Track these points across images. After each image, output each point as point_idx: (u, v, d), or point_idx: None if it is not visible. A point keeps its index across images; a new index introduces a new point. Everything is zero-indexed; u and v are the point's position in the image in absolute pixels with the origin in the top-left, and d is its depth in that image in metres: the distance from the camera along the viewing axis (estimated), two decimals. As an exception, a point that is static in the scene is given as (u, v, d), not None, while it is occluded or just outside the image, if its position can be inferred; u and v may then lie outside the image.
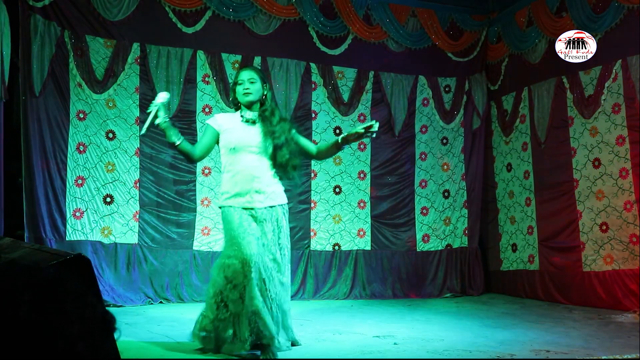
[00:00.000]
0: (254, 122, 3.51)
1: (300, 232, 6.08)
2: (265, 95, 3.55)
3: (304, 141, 3.68)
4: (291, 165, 3.48)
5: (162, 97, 3.29)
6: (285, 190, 3.61)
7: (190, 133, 5.79)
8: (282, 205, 3.50)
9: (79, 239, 5.32)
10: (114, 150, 5.53)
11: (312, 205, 6.22)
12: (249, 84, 3.48)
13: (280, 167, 3.47)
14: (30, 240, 4.99)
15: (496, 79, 6.90)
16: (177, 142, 3.33)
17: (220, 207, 3.51)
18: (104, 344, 0.80)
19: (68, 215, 5.30)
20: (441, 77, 6.80)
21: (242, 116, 3.53)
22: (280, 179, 3.52)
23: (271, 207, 3.44)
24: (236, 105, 3.60)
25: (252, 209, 3.40)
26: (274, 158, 3.46)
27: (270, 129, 3.47)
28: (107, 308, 0.97)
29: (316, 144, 6.19)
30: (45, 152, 5.22)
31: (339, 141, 3.49)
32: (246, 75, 3.53)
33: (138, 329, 4.14)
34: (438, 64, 6.75)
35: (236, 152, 3.43)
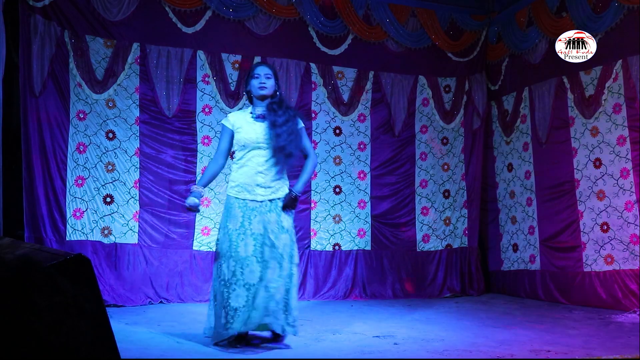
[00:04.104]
0: (263, 117, 3.68)
1: (300, 232, 6.08)
2: (276, 92, 3.73)
3: (304, 143, 3.79)
4: (285, 153, 3.62)
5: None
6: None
7: (190, 133, 5.79)
8: (280, 198, 3.66)
9: (79, 239, 5.32)
10: (114, 150, 5.53)
11: (312, 205, 6.21)
12: (265, 79, 3.68)
13: (276, 152, 3.61)
14: (30, 240, 4.99)
15: (496, 79, 6.90)
16: (202, 192, 3.66)
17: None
18: (82, 330, 0.79)
19: (68, 215, 5.30)
20: (441, 77, 6.80)
21: (251, 113, 3.72)
22: (279, 166, 3.64)
23: (271, 200, 3.63)
24: (249, 98, 3.78)
25: (253, 200, 3.61)
26: (274, 145, 3.61)
27: (274, 119, 3.64)
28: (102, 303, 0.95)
29: (315, 148, 6.25)
30: (45, 152, 5.22)
31: (289, 190, 3.68)
32: (263, 70, 3.72)
33: (138, 329, 4.14)
34: (438, 64, 6.75)
35: (245, 148, 3.64)
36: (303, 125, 3.78)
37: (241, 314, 3.43)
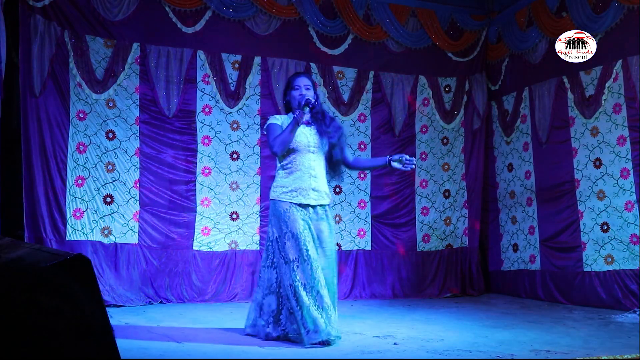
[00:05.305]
0: (309, 123, 3.82)
1: (300, 232, 6.07)
2: (316, 101, 3.82)
3: (346, 148, 4.02)
4: (342, 162, 3.90)
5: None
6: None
7: (190, 133, 5.79)
8: (329, 205, 3.88)
9: (79, 239, 5.32)
10: (114, 150, 5.53)
11: (312, 205, 6.21)
12: (305, 90, 3.78)
13: (332, 165, 3.87)
14: (30, 240, 4.99)
15: (497, 79, 6.90)
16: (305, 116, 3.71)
17: (271, 200, 3.80)
18: (81, 330, 0.79)
19: (68, 215, 5.30)
20: (441, 77, 6.79)
21: None
22: (331, 176, 3.91)
23: (322, 205, 3.79)
24: (287, 108, 3.92)
25: (307, 205, 3.73)
26: (329, 156, 3.84)
27: (325, 129, 3.81)
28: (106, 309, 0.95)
29: None
30: (45, 152, 5.21)
31: (388, 162, 3.81)
32: (303, 81, 3.83)
33: (138, 329, 4.14)
34: (438, 64, 6.75)
35: (296, 152, 3.74)
36: (343, 132, 3.96)
37: (330, 315, 3.61)
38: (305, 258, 3.60)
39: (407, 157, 3.73)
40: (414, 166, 3.79)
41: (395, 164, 3.76)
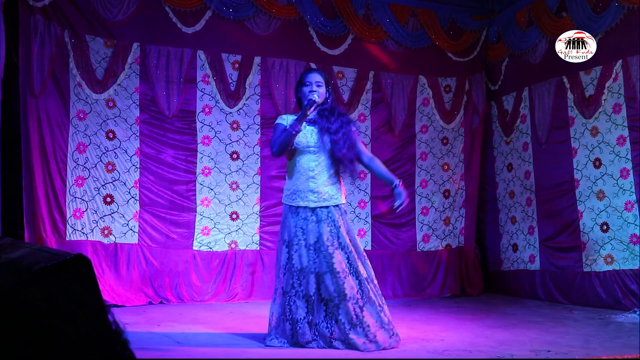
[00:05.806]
0: (314, 122, 3.68)
1: (300, 232, 6.07)
2: (327, 98, 3.70)
3: (359, 145, 3.78)
4: (348, 159, 3.64)
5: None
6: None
7: (190, 133, 5.79)
8: (337, 205, 3.66)
9: (79, 239, 5.32)
10: (114, 150, 5.53)
11: (312, 205, 6.20)
12: (316, 87, 3.64)
13: (338, 162, 3.66)
14: (30, 240, 4.99)
15: (496, 79, 6.89)
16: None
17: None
18: (82, 331, 0.79)
19: (68, 215, 5.30)
20: (441, 77, 6.79)
21: None
22: (342, 173, 3.73)
23: (325, 207, 3.61)
24: (299, 104, 3.76)
25: (305, 207, 3.61)
26: (331, 153, 3.63)
27: (327, 125, 3.64)
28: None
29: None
30: (45, 152, 5.22)
31: (393, 186, 3.69)
32: (314, 77, 3.69)
33: (138, 329, 4.14)
34: (438, 64, 6.75)
35: (297, 153, 3.64)
36: (355, 127, 3.78)
37: (302, 326, 3.51)
38: (289, 266, 3.59)
39: (401, 207, 3.65)
40: (401, 206, 3.67)
41: (396, 196, 3.67)
